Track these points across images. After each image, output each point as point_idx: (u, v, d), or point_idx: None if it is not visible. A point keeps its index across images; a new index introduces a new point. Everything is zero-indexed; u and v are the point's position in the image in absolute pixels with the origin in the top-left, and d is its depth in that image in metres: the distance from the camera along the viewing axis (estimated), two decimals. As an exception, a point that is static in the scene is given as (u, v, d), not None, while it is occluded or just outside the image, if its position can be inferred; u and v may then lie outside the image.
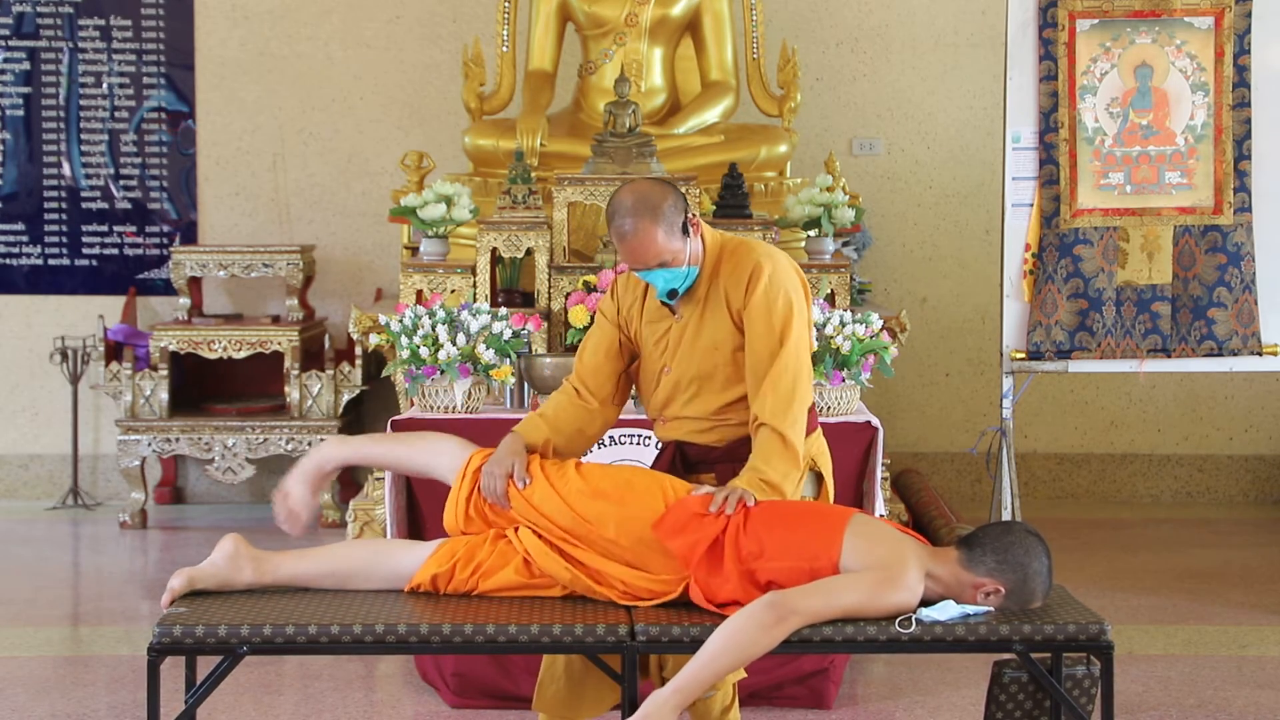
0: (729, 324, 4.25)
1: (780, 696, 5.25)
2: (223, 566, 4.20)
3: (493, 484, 4.22)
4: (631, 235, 4.17)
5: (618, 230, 4.20)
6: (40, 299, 8.77)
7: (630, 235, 4.18)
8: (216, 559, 4.21)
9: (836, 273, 7.00)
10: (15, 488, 8.78)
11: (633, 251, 4.20)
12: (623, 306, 4.40)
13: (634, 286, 4.40)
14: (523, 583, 4.16)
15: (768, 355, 4.19)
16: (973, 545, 4.05)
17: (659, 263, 4.19)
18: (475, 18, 8.65)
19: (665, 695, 3.91)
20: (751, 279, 4.22)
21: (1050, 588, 4.08)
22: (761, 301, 4.20)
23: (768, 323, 4.20)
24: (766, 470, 4.15)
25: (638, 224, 4.16)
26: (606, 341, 4.41)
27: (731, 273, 4.26)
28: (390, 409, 7.50)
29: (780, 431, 4.16)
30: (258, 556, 4.22)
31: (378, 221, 8.64)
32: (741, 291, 4.23)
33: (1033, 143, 6.39)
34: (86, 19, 8.70)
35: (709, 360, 4.27)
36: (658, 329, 4.34)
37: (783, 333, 4.20)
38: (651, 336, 4.35)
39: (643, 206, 4.18)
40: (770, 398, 4.17)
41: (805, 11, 8.76)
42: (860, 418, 5.31)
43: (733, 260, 4.28)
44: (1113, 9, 6.36)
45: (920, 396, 8.82)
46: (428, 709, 5.30)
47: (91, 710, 5.31)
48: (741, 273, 4.24)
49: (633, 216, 4.17)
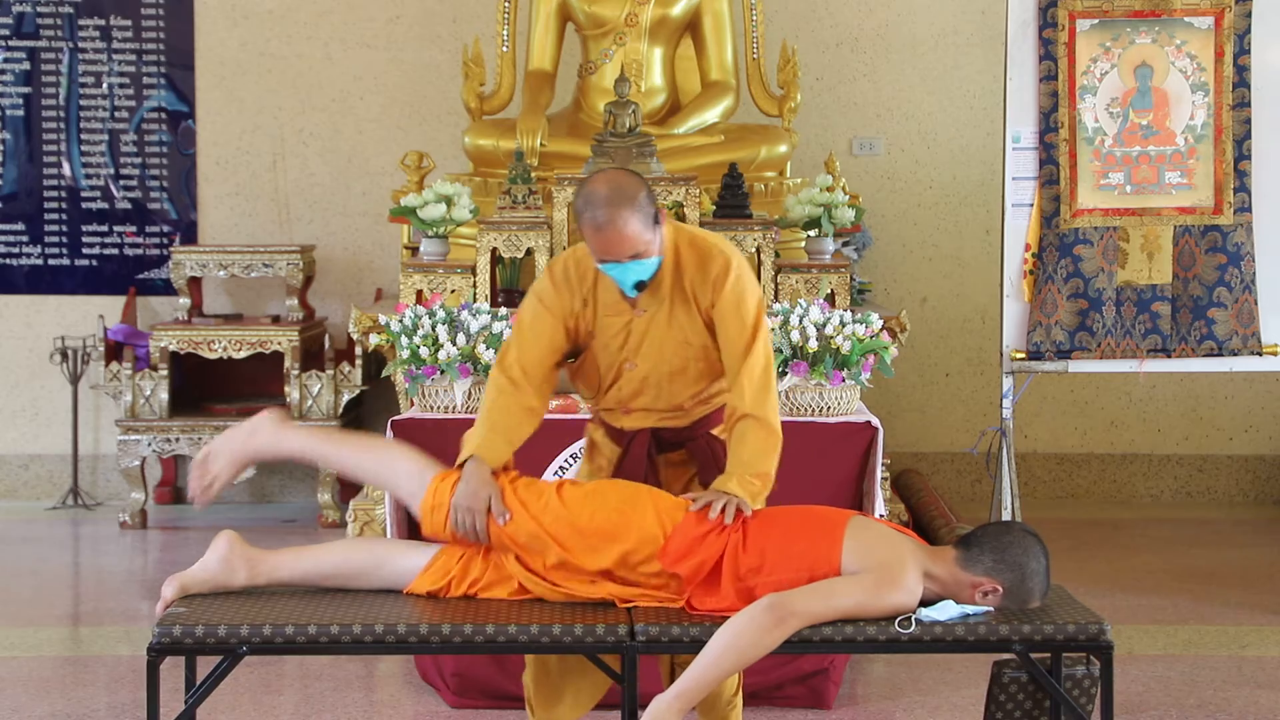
0: (698, 320, 4.24)
1: (780, 696, 5.25)
2: (216, 570, 4.16)
3: (471, 521, 4.11)
4: (610, 226, 4.09)
5: (594, 221, 4.10)
6: (40, 299, 8.77)
7: (608, 226, 4.09)
8: (210, 561, 4.17)
9: (836, 273, 7.00)
10: (15, 488, 8.78)
11: (610, 243, 4.11)
12: (573, 298, 4.27)
13: (583, 277, 4.27)
14: (519, 596, 4.17)
15: (742, 348, 4.20)
16: (970, 545, 4.05)
17: (633, 254, 4.13)
18: (475, 18, 8.65)
19: (668, 700, 3.91)
20: (719, 277, 4.21)
21: (1048, 588, 4.08)
22: (732, 298, 4.20)
23: (739, 317, 4.20)
24: (755, 464, 4.16)
25: (617, 214, 4.09)
26: (549, 333, 4.27)
27: (698, 270, 4.23)
28: (390, 409, 7.50)
29: (763, 418, 4.18)
30: (252, 558, 4.18)
31: (378, 221, 8.64)
32: (709, 289, 4.21)
33: (1033, 143, 6.39)
34: (86, 19, 8.70)
35: (681, 355, 4.25)
36: (615, 323, 4.27)
37: (755, 326, 4.22)
38: (609, 330, 4.27)
39: (620, 197, 4.11)
40: (748, 389, 4.19)
41: (805, 11, 8.76)
42: (860, 418, 5.31)
43: (694, 255, 4.24)
44: (1113, 9, 6.36)
45: (920, 396, 8.82)
46: (428, 709, 5.30)
47: (91, 710, 5.31)
48: (708, 270, 4.22)
49: (611, 207, 4.09)
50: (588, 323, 4.28)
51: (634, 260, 4.14)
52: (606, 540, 4.07)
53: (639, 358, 4.26)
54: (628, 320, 4.26)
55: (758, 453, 4.18)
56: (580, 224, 4.16)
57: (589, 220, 4.11)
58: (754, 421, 4.18)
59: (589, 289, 4.27)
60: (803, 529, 4.07)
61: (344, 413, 8.11)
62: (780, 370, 5.29)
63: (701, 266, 4.23)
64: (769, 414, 4.20)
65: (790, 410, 5.32)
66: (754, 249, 6.90)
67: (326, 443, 4.43)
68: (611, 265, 4.15)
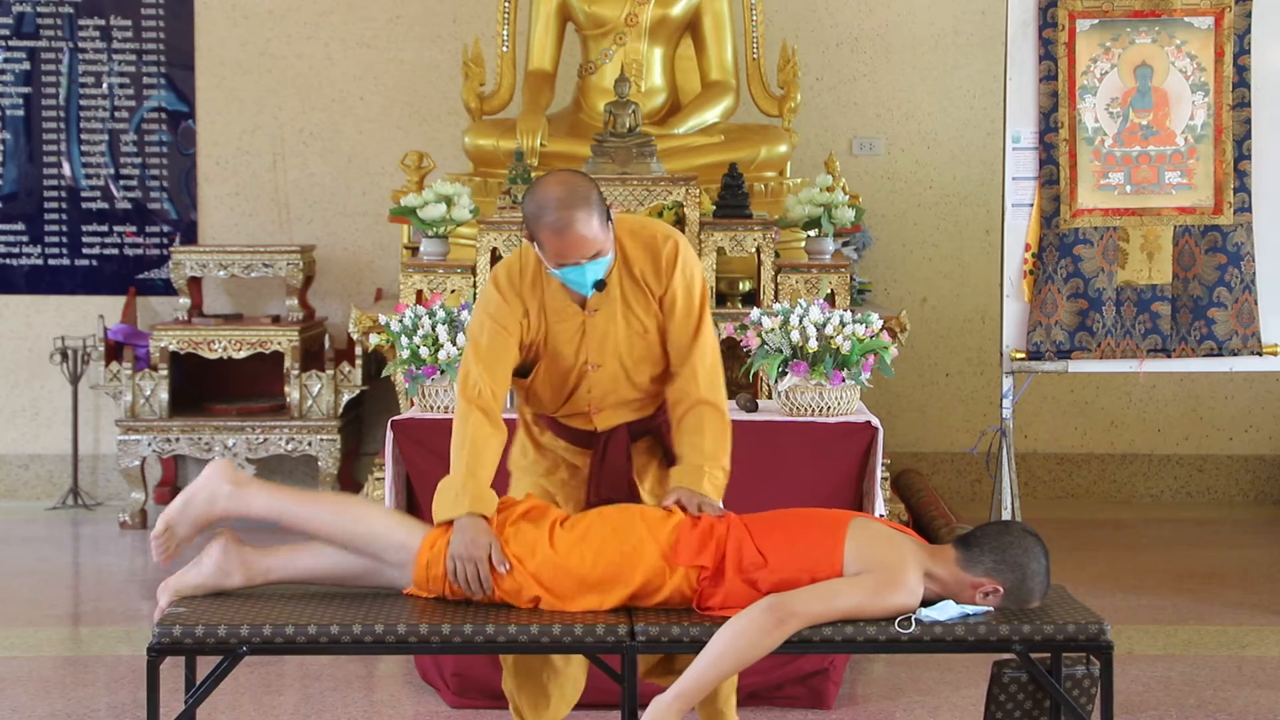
0: (653, 306, 4.20)
1: (780, 696, 5.25)
2: (211, 574, 4.13)
3: (474, 572, 4.01)
4: (570, 229, 4.02)
5: (554, 225, 4.02)
6: (40, 299, 8.77)
7: (570, 228, 4.02)
8: (205, 565, 4.13)
9: (836, 273, 7.01)
10: (15, 488, 8.78)
11: (573, 245, 4.04)
12: (528, 310, 4.18)
13: (532, 284, 4.18)
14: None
15: (692, 334, 4.20)
16: (970, 545, 4.05)
17: (595, 253, 4.07)
18: (475, 18, 8.65)
19: (667, 700, 3.92)
20: (669, 263, 4.18)
21: (1049, 588, 4.08)
22: (681, 283, 4.19)
23: (688, 303, 4.21)
24: (719, 456, 4.19)
25: (577, 215, 4.02)
26: (509, 351, 4.17)
27: (645, 256, 4.19)
28: (390, 409, 7.50)
29: (717, 404, 4.20)
30: (248, 561, 4.14)
31: (378, 221, 8.64)
32: (659, 276, 4.18)
33: (1033, 143, 6.39)
34: (86, 19, 8.70)
35: (640, 345, 4.22)
36: (568, 327, 4.19)
37: (700, 311, 4.22)
38: (562, 335, 4.19)
39: (576, 198, 4.04)
40: (701, 374, 4.19)
41: (805, 11, 8.76)
42: (860, 418, 5.31)
43: (638, 242, 4.20)
44: (1113, 9, 6.36)
45: (920, 396, 8.82)
46: (428, 709, 5.30)
47: (91, 710, 5.31)
48: (656, 256, 4.18)
49: (571, 209, 4.02)
50: (539, 333, 4.20)
51: (593, 260, 4.08)
52: (612, 584, 4.05)
53: (600, 356, 4.21)
54: (580, 322, 4.20)
55: (719, 444, 4.20)
56: (535, 229, 4.07)
57: (548, 224, 4.04)
58: (710, 409, 4.19)
59: (539, 296, 4.19)
60: (805, 530, 4.08)
61: (344, 413, 8.11)
62: (780, 370, 5.29)
63: (650, 254, 4.19)
64: (722, 400, 4.23)
65: (790, 410, 5.32)
66: (754, 249, 6.91)
67: (297, 503, 4.21)
68: (570, 269, 4.08)
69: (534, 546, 4.05)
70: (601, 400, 4.27)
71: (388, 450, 5.14)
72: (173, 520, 4.20)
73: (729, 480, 4.23)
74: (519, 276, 4.20)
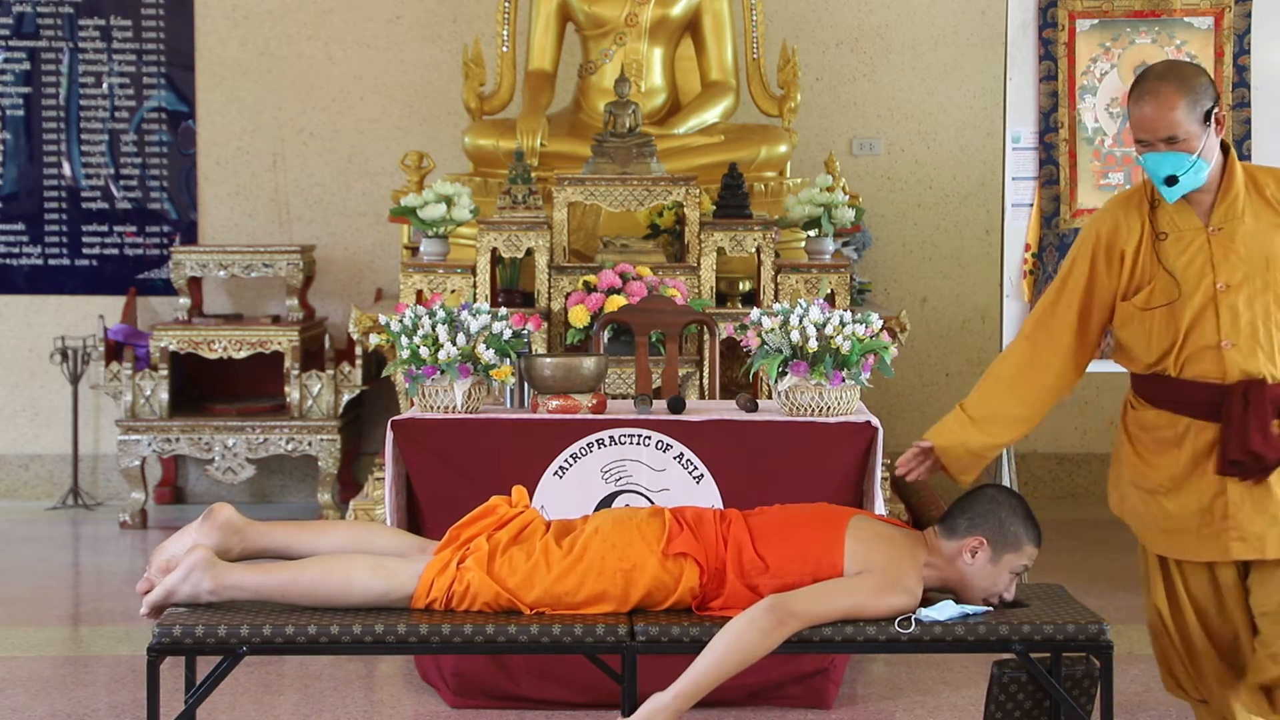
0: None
1: (780, 696, 5.25)
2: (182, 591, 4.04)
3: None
4: (1151, 99, 3.95)
5: (1139, 92, 3.98)
6: (40, 299, 8.77)
7: (1149, 98, 3.95)
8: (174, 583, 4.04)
9: (836, 273, 7.01)
10: (15, 488, 8.79)
11: (1147, 118, 3.95)
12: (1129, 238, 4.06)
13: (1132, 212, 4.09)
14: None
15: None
16: (947, 517, 4.19)
17: (1168, 135, 3.94)
18: (475, 18, 8.65)
19: (665, 700, 3.92)
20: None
21: (1037, 532, 4.14)
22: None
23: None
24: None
25: (1162, 87, 3.94)
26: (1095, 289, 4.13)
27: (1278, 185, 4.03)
28: (390, 409, 7.50)
29: None
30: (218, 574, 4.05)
31: (378, 221, 8.64)
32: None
33: (1033, 143, 6.39)
34: (86, 19, 8.70)
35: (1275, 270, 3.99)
36: (1189, 247, 4.01)
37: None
38: (1181, 256, 4.01)
39: (1173, 75, 3.98)
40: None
41: (805, 11, 8.76)
42: (860, 418, 5.31)
43: (1272, 173, 4.05)
44: (1113, 9, 6.36)
45: (920, 396, 8.82)
46: (428, 709, 5.30)
47: (91, 710, 5.31)
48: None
49: (1160, 80, 3.96)
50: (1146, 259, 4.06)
51: (1169, 147, 3.96)
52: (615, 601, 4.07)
53: (1229, 275, 3.99)
54: (1204, 240, 4.02)
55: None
56: (1128, 100, 4.02)
57: (1135, 93, 3.99)
58: None
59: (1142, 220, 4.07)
60: (805, 529, 4.09)
61: (344, 413, 8.11)
62: (780, 370, 5.29)
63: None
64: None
65: (790, 410, 5.32)
66: (754, 249, 6.91)
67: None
68: (1149, 155, 3.99)
69: (530, 577, 4.06)
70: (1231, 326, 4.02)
71: (388, 450, 5.14)
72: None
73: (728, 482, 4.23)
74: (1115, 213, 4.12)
